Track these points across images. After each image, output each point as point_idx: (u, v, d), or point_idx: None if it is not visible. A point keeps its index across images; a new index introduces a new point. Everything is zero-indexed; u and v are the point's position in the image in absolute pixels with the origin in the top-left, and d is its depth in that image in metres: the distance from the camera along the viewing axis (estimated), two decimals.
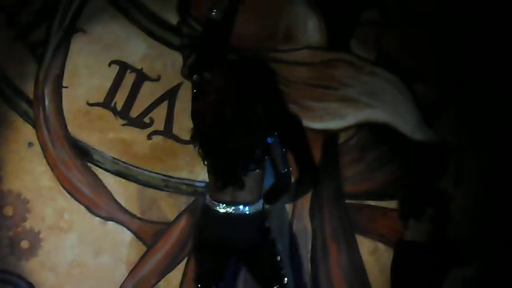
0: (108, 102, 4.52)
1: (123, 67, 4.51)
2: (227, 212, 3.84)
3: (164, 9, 4.48)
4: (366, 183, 4.43)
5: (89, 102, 4.53)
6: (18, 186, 4.55)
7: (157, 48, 4.49)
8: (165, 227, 4.53)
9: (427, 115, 4.40)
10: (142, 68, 4.50)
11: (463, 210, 4.34)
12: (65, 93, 4.53)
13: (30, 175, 4.55)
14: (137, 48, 4.50)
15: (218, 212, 3.84)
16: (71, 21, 4.49)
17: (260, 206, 3.95)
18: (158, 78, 4.51)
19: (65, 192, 4.54)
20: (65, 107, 4.53)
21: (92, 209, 4.54)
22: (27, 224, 4.56)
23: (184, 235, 4.51)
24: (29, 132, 4.54)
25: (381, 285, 4.40)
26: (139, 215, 4.54)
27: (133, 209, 4.54)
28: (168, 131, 4.50)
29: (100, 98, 4.52)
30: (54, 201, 4.56)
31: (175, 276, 4.53)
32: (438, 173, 4.38)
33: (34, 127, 4.54)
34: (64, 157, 4.53)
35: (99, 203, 4.54)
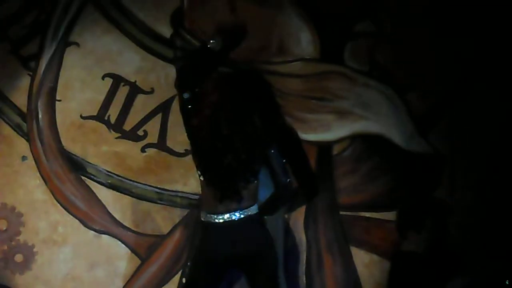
0: (101, 115, 4.51)
1: (116, 80, 4.50)
2: (225, 221, 3.82)
3: (157, 22, 4.49)
4: (361, 194, 4.44)
5: (83, 115, 4.52)
6: (12, 199, 4.53)
7: (150, 61, 4.50)
8: (159, 240, 4.51)
9: (420, 126, 4.42)
10: (135, 81, 4.50)
11: (457, 220, 4.34)
12: (59, 106, 4.52)
13: (24, 188, 4.53)
14: (130, 61, 4.50)
15: (217, 224, 3.82)
16: (64, 34, 4.49)
17: (256, 212, 3.92)
18: (151, 91, 4.50)
19: (59, 205, 4.52)
20: (58, 120, 4.52)
21: (86, 223, 4.52)
22: (21, 238, 4.53)
23: (179, 247, 4.50)
24: (22, 146, 4.52)
25: None
26: (133, 228, 4.52)
27: (127, 222, 4.52)
28: (162, 144, 4.50)
29: (94, 111, 4.51)
30: (48, 214, 4.53)
31: None
32: (432, 184, 4.39)
33: (28, 140, 4.52)
34: (58, 171, 4.52)
35: (93, 217, 4.52)
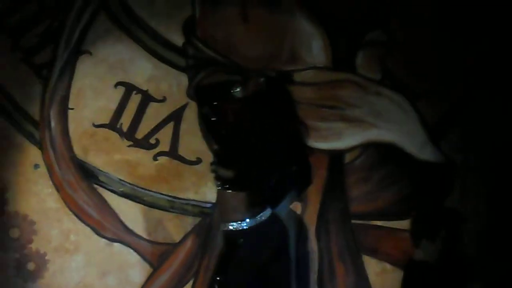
0: (114, 124, 4.52)
1: (128, 89, 4.52)
2: (250, 227, 3.85)
3: (169, 30, 4.49)
4: (373, 203, 4.42)
5: (95, 124, 4.53)
6: (25, 208, 4.54)
7: (162, 69, 4.50)
8: (171, 248, 4.51)
9: (432, 134, 4.40)
10: (147, 90, 4.51)
11: (469, 229, 4.33)
12: (71, 114, 4.53)
13: (37, 196, 4.54)
14: (142, 69, 4.51)
15: (236, 231, 3.85)
16: (76, 43, 4.50)
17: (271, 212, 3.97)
18: (163, 99, 4.51)
19: (71, 213, 4.53)
20: (71, 128, 4.53)
21: (98, 231, 4.53)
22: (33, 246, 4.55)
23: (190, 256, 4.50)
24: (35, 154, 4.54)
25: None
26: (145, 236, 4.52)
27: (139, 230, 4.53)
28: (174, 152, 4.50)
29: (106, 120, 4.52)
30: (60, 222, 4.54)
31: None
32: (444, 192, 4.38)
33: (40, 149, 4.53)
34: (70, 179, 4.53)
35: (105, 225, 4.53)
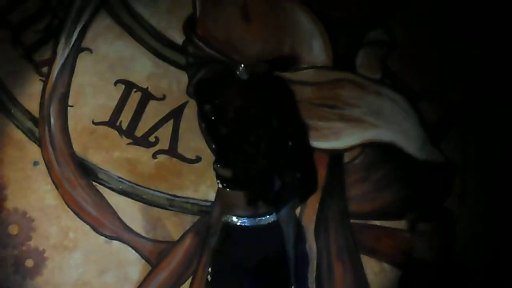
0: (113, 121, 4.52)
1: (128, 86, 4.51)
2: (251, 226, 3.86)
3: (170, 29, 4.49)
4: (372, 202, 4.42)
5: (95, 121, 4.53)
6: (24, 204, 4.54)
7: (162, 67, 4.50)
8: (170, 246, 4.51)
9: (432, 134, 4.40)
10: (147, 87, 4.50)
11: (468, 230, 4.33)
12: (71, 112, 4.53)
13: (35, 193, 4.54)
14: (142, 67, 4.51)
15: (243, 227, 3.86)
16: (76, 40, 4.49)
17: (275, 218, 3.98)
18: (163, 97, 4.51)
19: (70, 210, 4.52)
20: (70, 126, 4.53)
21: (97, 228, 4.53)
22: (32, 243, 4.55)
23: (189, 254, 4.50)
24: (34, 151, 4.53)
25: None
26: (144, 234, 4.52)
27: (138, 228, 4.53)
28: (173, 150, 4.50)
29: (106, 117, 4.52)
30: (59, 219, 4.54)
31: None
32: (444, 192, 4.38)
33: (40, 145, 4.53)
34: (69, 176, 4.52)
35: (104, 222, 4.53)
